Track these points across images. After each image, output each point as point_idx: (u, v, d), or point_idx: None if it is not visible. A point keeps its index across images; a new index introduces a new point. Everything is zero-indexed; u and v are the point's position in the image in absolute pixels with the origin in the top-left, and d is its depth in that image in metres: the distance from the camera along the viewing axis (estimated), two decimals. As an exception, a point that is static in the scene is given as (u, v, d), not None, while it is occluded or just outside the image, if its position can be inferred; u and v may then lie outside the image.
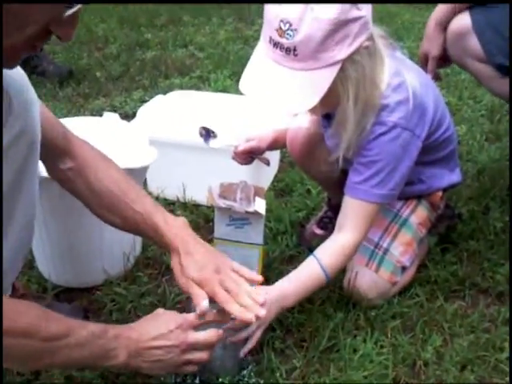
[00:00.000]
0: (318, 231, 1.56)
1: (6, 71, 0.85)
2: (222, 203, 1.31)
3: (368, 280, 1.29)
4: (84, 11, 2.94)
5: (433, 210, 1.41)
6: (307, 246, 1.52)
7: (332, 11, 1.01)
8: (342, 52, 1.05)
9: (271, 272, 1.41)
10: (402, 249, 1.34)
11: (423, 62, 1.58)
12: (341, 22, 1.02)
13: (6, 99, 0.89)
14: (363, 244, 1.30)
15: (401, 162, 1.20)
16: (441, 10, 1.56)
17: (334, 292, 1.34)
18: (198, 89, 2.54)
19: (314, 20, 1.01)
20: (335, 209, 1.56)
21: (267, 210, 1.37)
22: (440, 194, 1.41)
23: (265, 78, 1.10)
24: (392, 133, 1.17)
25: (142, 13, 3.74)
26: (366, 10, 1.06)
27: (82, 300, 1.36)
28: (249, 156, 1.46)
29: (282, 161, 1.95)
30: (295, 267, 1.42)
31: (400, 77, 1.17)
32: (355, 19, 1.04)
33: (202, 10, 3.83)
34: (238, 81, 2.86)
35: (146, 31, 3.39)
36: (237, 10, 3.83)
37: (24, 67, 3.03)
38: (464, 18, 1.50)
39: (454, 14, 1.53)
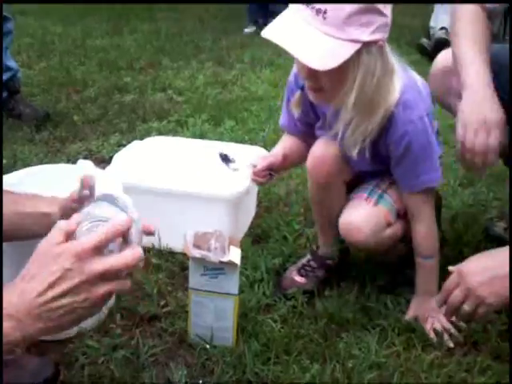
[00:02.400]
0: (298, 278, 1.55)
1: None
2: (196, 253, 1.30)
3: (364, 213, 1.35)
4: (64, 54, 2.97)
5: None
6: (283, 293, 1.51)
7: None
8: (363, 35, 1.12)
9: (247, 322, 1.39)
10: (396, 198, 1.40)
11: None
12: (369, 7, 1.11)
13: None
14: (363, 186, 1.42)
15: (431, 143, 1.30)
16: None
17: (311, 342, 1.33)
18: (176, 133, 2.56)
19: None
20: (320, 260, 1.56)
21: (243, 257, 1.37)
22: None
23: (291, 31, 1.14)
24: (418, 124, 1.27)
25: (122, 56, 3.78)
26: (389, 14, 1.16)
27: (54, 353, 1.32)
28: (268, 173, 1.47)
29: (258, 206, 1.96)
30: (272, 316, 1.42)
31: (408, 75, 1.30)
32: (381, 13, 1.13)
33: (182, 54, 3.89)
34: (215, 125, 2.90)
35: (125, 74, 3.42)
36: (216, 55, 3.90)
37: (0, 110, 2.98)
38: (450, 56, 1.44)
39: None
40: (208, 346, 1.32)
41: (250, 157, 1.64)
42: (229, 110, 2.85)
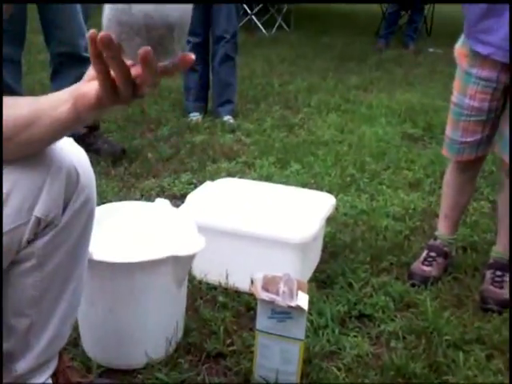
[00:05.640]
0: (425, 268, 1.82)
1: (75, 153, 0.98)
2: (265, 296, 1.33)
3: None
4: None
5: None
6: (422, 282, 1.78)
7: None
8: None
9: (311, 368, 1.40)
10: None
11: None
12: None
13: (75, 175, 0.99)
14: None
15: None
16: None
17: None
18: (244, 174, 2.63)
19: None
20: (437, 249, 1.87)
21: (308, 303, 1.38)
22: None
23: None
24: None
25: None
26: None
27: (124, 382, 1.37)
28: None
29: (323, 251, 1.97)
30: (336, 364, 1.42)
31: None
32: None
33: (251, 97, 4.00)
34: (282, 168, 2.94)
35: (197, 115, 3.55)
36: (283, 98, 4.00)
37: (79, 145, 3.19)
38: None
39: None
40: (272, 389, 1.34)
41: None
42: (295, 153, 2.91)
